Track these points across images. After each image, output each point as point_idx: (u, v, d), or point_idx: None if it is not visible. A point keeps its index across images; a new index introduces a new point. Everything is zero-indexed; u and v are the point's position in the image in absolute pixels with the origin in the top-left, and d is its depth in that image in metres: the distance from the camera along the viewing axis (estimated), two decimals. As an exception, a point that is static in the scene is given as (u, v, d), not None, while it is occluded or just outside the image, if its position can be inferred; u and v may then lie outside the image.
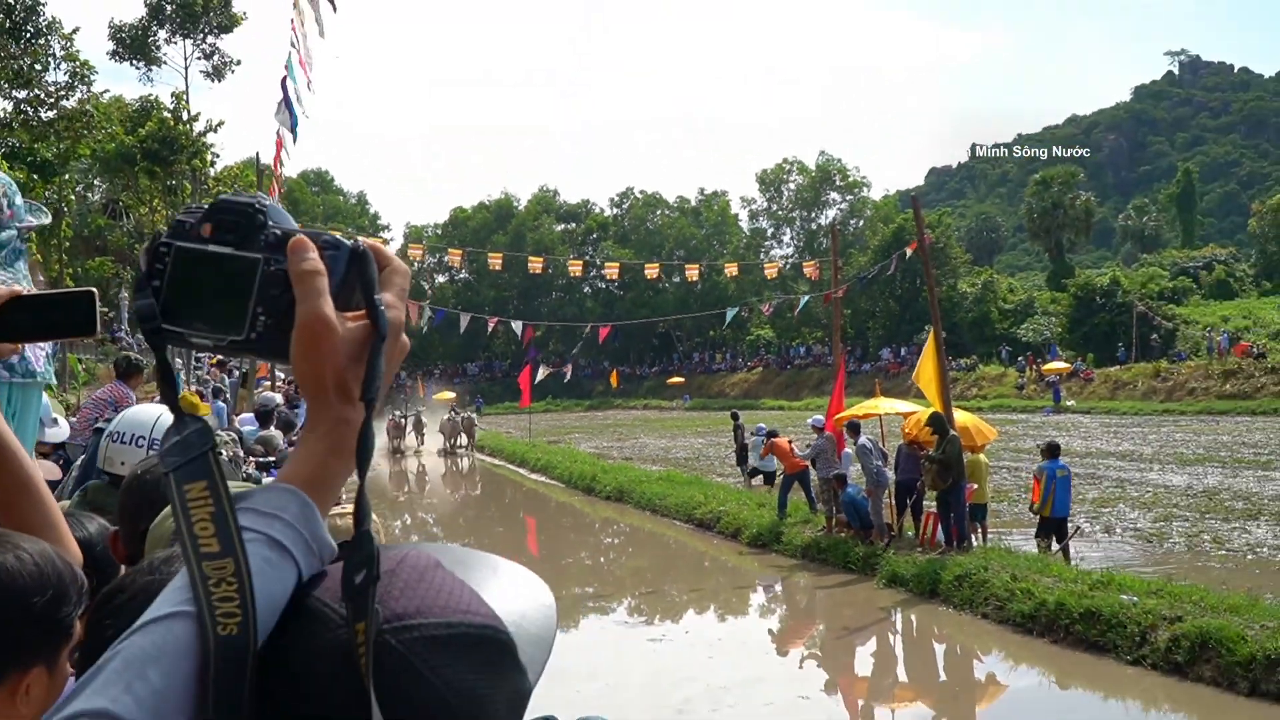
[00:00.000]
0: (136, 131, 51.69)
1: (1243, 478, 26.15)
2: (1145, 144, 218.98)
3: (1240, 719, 10.39)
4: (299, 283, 1.03)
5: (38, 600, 1.51)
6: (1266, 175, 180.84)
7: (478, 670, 0.94)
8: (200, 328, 1.05)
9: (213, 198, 3.44)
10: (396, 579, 0.96)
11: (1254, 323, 66.68)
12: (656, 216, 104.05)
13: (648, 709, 11.56)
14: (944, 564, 15.90)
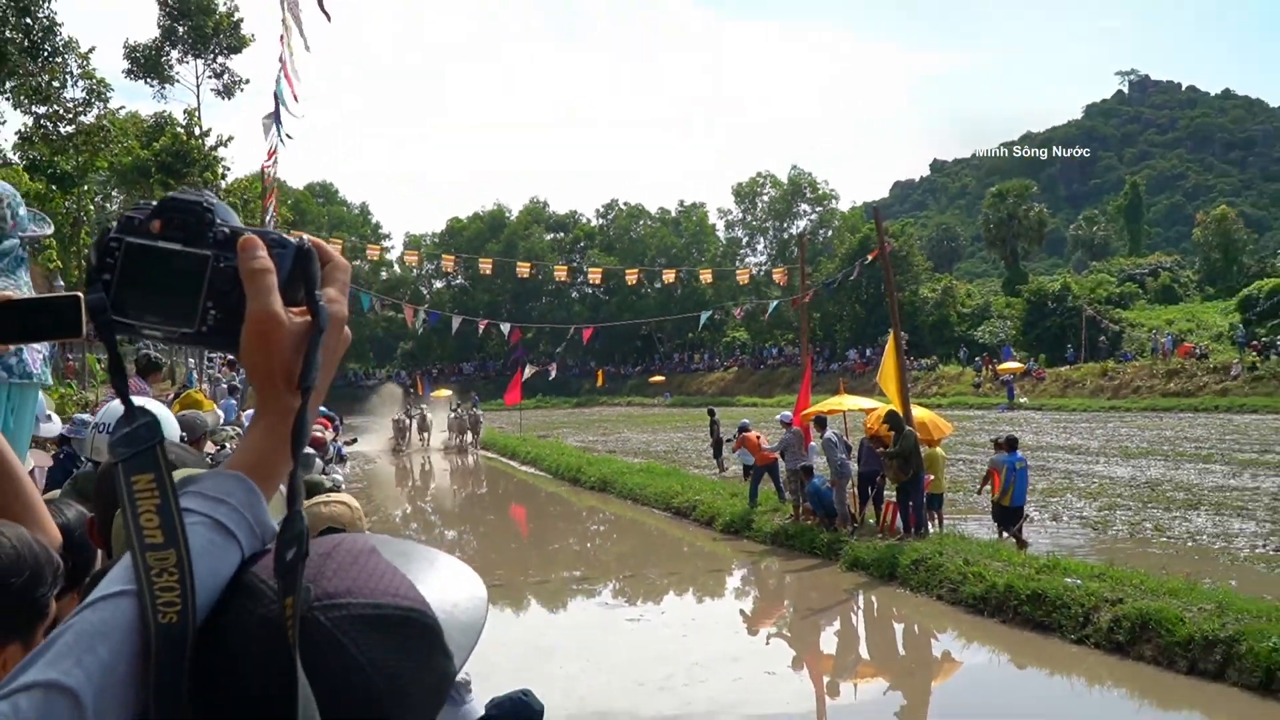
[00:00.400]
0: (151, 146, 51.47)
1: (1184, 470, 26.26)
2: (1095, 159, 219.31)
3: (1178, 697, 10.45)
4: (249, 280, 1.04)
5: (15, 581, 1.52)
6: (1211, 187, 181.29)
7: (401, 650, 0.94)
8: (152, 320, 1.05)
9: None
10: (331, 561, 0.97)
11: (1196, 325, 66.87)
12: (639, 226, 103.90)
13: (632, 684, 11.60)
14: (902, 549, 15.98)
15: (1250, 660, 10.32)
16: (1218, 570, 14.78)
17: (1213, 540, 17.22)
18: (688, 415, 56.60)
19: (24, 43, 30.01)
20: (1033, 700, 11.15)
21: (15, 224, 2.69)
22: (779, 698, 11.37)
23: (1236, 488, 22.75)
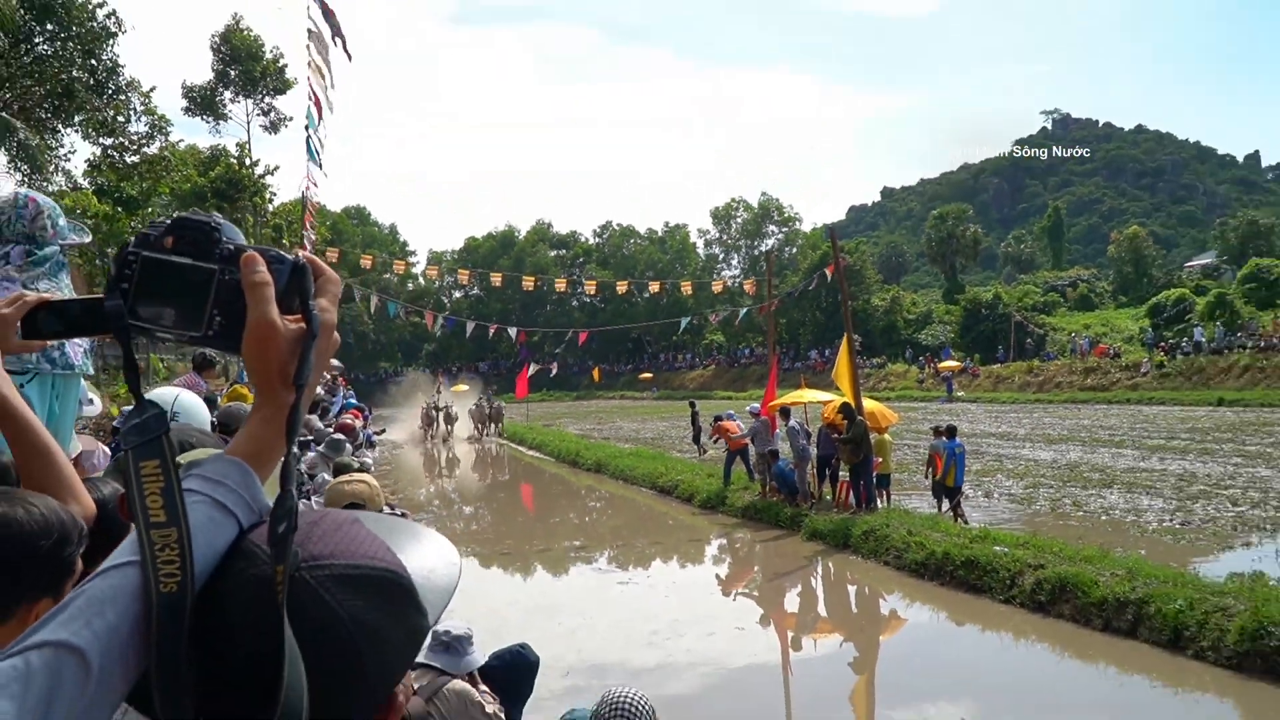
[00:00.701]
0: (208, 174, 51.43)
1: (1099, 454, 26.32)
2: (1023, 185, 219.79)
3: (1095, 651, 10.44)
4: (250, 291, 1.05)
5: (44, 543, 1.53)
6: (1124, 210, 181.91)
7: (376, 604, 0.95)
8: (165, 324, 1.06)
9: (272, 228, 3.44)
10: (317, 528, 0.98)
11: (1110, 329, 67.04)
12: (630, 244, 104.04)
13: (623, 638, 11.59)
14: (854, 522, 15.99)
15: (1159, 620, 10.33)
16: (1128, 541, 14.80)
17: (1124, 515, 17.24)
18: (672, 407, 56.63)
19: (90, 81, 29.95)
20: (966, 652, 11.15)
21: (55, 233, 2.70)
22: (748, 650, 11.36)
23: (1145, 469, 22.80)
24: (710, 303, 77.89)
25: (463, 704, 4.08)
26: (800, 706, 9.60)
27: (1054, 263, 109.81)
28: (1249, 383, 47.09)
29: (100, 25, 29.94)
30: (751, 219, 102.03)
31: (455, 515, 22.26)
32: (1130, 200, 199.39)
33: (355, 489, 4.22)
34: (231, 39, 52.04)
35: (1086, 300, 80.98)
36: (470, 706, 4.08)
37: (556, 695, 9.11)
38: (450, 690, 4.09)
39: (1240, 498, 18.27)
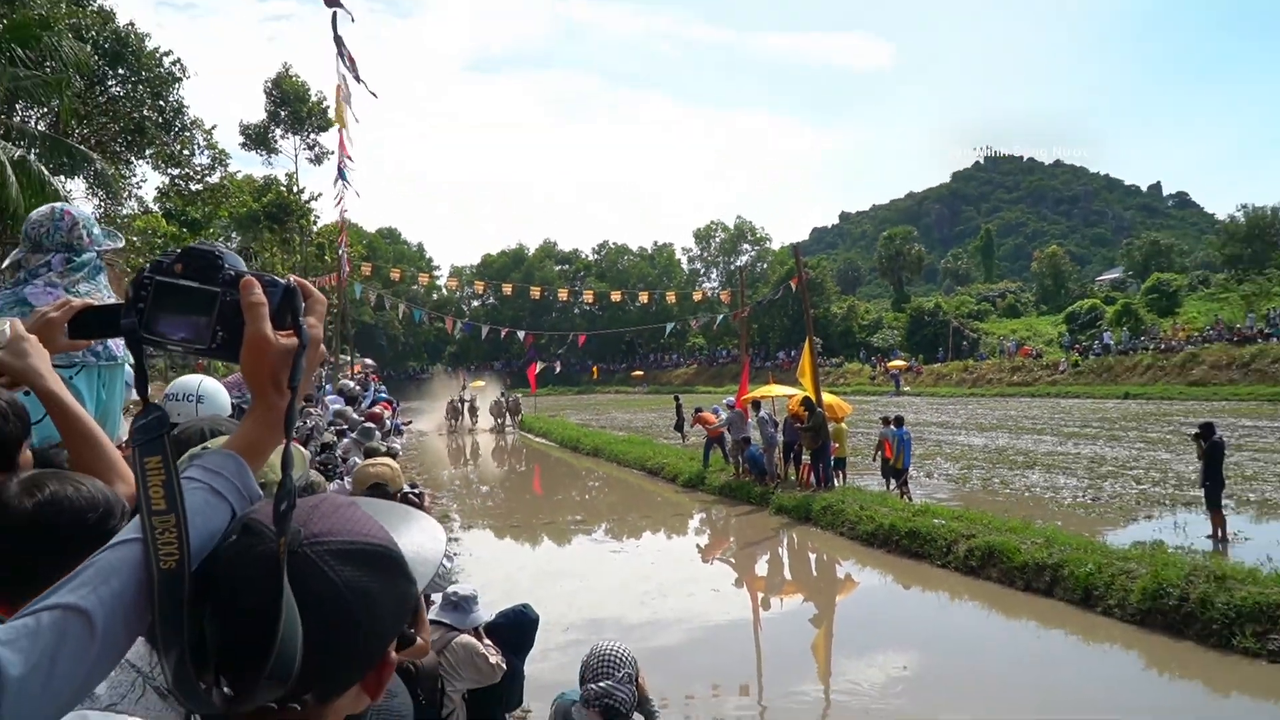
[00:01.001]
0: (261, 199, 51.37)
1: (1023, 440, 26.38)
2: (959, 211, 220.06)
3: (1017, 608, 10.49)
4: (248, 311, 1.08)
5: (91, 516, 1.53)
6: (1044, 232, 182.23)
7: (369, 574, 0.95)
8: (175, 337, 1.09)
9: (315, 246, 3.46)
10: (318, 510, 0.99)
11: (1033, 334, 67.10)
12: (624, 260, 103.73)
13: (623, 599, 11.59)
14: (815, 499, 16.01)
15: (1072, 581, 10.38)
16: (1047, 514, 14.84)
17: (1044, 492, 17.30)
18: (659, 400, 56.52)
19: (159, 120, 29.91)
20: (909, 610, 11.18)
21: (91, 240, 2.70)
22: (723, 609, 11.39)
23: (1062, 453, 22.86)
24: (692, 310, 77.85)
25: (469, 655, 4.09)
26: (768, 656, 9.62)
27: (986, 277, 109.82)
28: (1151, 379, 47.23)
29: (167, 71, 29.88)
30: (728, 238, 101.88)
31: (473, 494, 22.21)
32: (1050, 224, 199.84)
33: (379, 471, 4.23)
34: (282, 84, 52.02)
35: (1013, 309, 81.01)
36: (475, 657, 4.09)
37: (560, 647, 9.13)
38: (458, 643, 4.10)
39: (1143, 477, 18.33)
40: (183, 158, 32.32)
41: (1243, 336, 46.79)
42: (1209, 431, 12.98)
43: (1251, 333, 47.04)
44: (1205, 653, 8.62)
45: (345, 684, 0.98)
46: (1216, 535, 12.60)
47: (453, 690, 4.05)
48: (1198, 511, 13.72)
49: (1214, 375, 44.41)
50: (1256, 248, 72.94)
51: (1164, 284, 65.57)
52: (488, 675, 4.12)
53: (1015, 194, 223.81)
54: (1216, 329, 50.00)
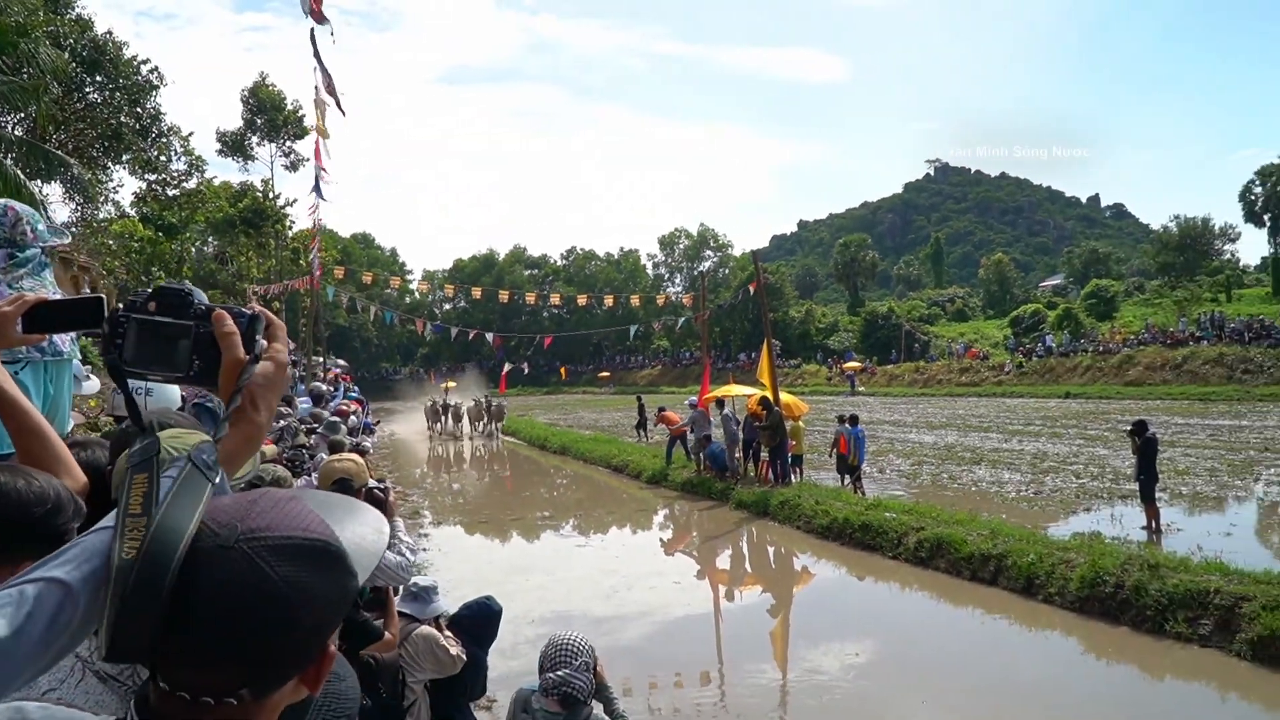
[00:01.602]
0: (237, 205, 50.71)
1: (971, 437, 26.64)
2: (911, 220, 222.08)
3: (963, 596, 10.58)
4: (223, 340, 1.15)
5: (38, 510, 1.48)
6: (991, 241, 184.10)
7: (307, 569, 0.92)
8: (155, 369, 1.14)
9: (290, 251, 3.47)
10: (256, 505, 0.96)
11: (980, 337, 67.86)
12: (591, 265, 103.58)
13: (590, 592, 11.53)
14: (773, 494, 16.06)
15: (1015, 571, 10.48)
16: (992, 507, 14.99)
17: (990, 486, 17.47)
18: (625, 400, 56.40)
19: (136, 126, 29.41)
20: (862, 600, 11.25)
21: (35, 236, 2.61)
22: (685, 600, 11.38)
23: (1007, 449, 23.11)
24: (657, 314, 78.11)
25: (429, 646, 4.04)
26: (728, 645, 9.63)
27: (936, 282, 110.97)
28: (1090, 379, 47.93)
29: (144, 79, 29.37)
30: (692, 245, 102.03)
31: (443, 491, 22.06)
32: (996, 233, 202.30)
33: (344, 466, 4.16)
34: (259, 92, 51.40)
35: (962, 313, 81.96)
36: (436, 648, 4.04)
37: (529, 640, 9.06)
38: (418, 635, 4.05)
39: (1083, 472, 18.57)
40: (159, 163, 31.81)
41: (1175, 339, 47.63)
42: (1142, 428, 13.19)
43: (1184, 336, 47.89)
44: (1140, 637, 8.75)
45: (283, 679, 0.95)
46: (1151, 527, 12.79)
47: (414, 681, 4.00)
48: (1133, 504, 13.92)
49: (1149, 376, 45.15)
50: (1188, 256, 74.38)
51: (1102, 290, 66.66)
52: (448, 666, 4.07)
53: (964, 204, 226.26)
54: (1151, 332, 50.85)
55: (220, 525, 0.93)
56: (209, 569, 0.90)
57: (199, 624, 0.89)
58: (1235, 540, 12.07)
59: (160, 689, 0.92)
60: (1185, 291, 60.43)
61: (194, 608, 0.90)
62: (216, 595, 0.89)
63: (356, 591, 1.00)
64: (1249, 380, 40.58)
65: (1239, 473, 17.81)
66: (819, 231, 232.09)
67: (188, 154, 33.05)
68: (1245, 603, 8.29)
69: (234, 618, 0.89)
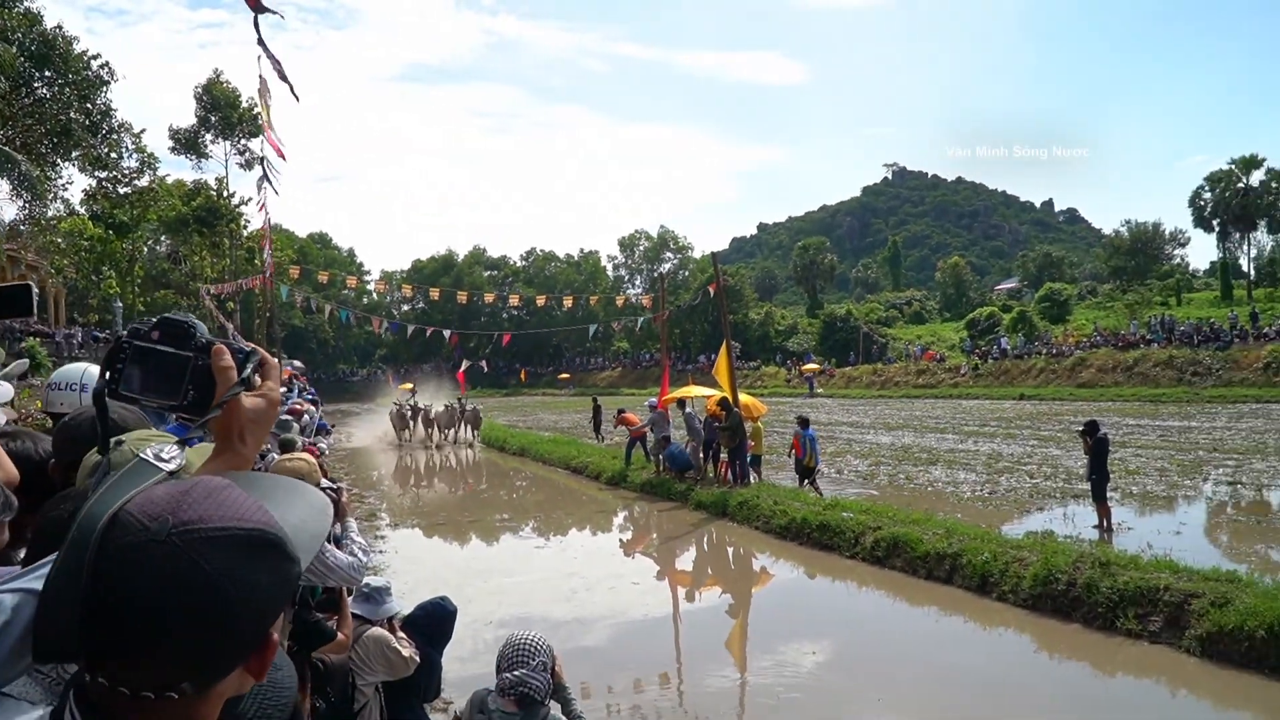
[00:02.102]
0: (191, 203, 49.97)
1: (927, 438, 26.92)
2: (869, 224, 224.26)
3: (919, 595, 10.65)
4: (219, 375, 1.19)
5: None
6: (948, 244, 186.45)
7: (242, 559, 0.90)
8: (150, 396, 1.18)
9: (245, 250, 3.53)
10: (188, 497, 0.93)
11: (937, 339, 68.73)
12: (552, 267, 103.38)
13: (549, 594, 11.43)
14: (732, 495, 16.09)
15: (970, 569, 10.59)
16: (948, 507, 15.14)
17: (945, 486, 17.65)
18: (585, 402, 56.38)
19: (86, 122, 28.82)
20: (820, 599, 11.30)
21: None
22: (645, 602, 11.34)
23: (962, 450, 23.39)
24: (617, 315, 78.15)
25: (380, 647, 3.99)
26: (688, 646, 9.61)
27: (893, 285, 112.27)
28: (1044, 381, 48.74)
29: (95, 74, 28.82)
30: (652, 247, 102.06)
31: (404, 493, 21.84)
32: (952, 236, 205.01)
33: (295, 465, 4.09)
34: (213, 90, 50.69)
35: (919, 315, 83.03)
36: (387, 650, 3.99)
37: (489, 645, 8.96)
38: (369, 636, 4.00)
39: (1036, 472, 18.85)
40: (110, 160, 31.25)
41: (1127, 342, 48.58)
42: (1094, 429, 13.41)
43: (1135, 339, 48.86)
44: (1091, 634, 8.88)
45: (224, 670, 0.93)
46: (1102, 525, 13.01)
47: (364, 684, 3.94)
48: (1085, 504, 14.14)
49: (1101, 378, 46.01)
50: (1139, 260, 75.95)
51: (1056, 293, 67.91)
52: (400, 668, 4.01)
53: (921, 208, 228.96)
54: (1103, 335, 51.81)
55: (151, 519, 0.90)
56: (139, 564, 0.87)
57: (132, 620, 0.87)
58: (1185, 539, 12.32)
59: (99, 684, 0.90)
60: (1136, 295, 61.75)
61: (125, 603, 0.87)
62: (148, 590, 0.86)
63: (298, 576, 0.98)
64: (1198, 382, 41.51)
65: (1188, 473, 18.19)
66: (778, 234, 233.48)
67: (139, 151, 32.52)
68: (1194, 599, 8.45)
69: (167, 613, 0.86)
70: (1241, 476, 17.57)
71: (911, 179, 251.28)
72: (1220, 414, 32.21)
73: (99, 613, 0.88)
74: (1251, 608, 7.90)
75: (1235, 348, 42.87)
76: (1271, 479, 17.25)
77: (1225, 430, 26.28)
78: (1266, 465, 18.95)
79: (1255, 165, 66.52)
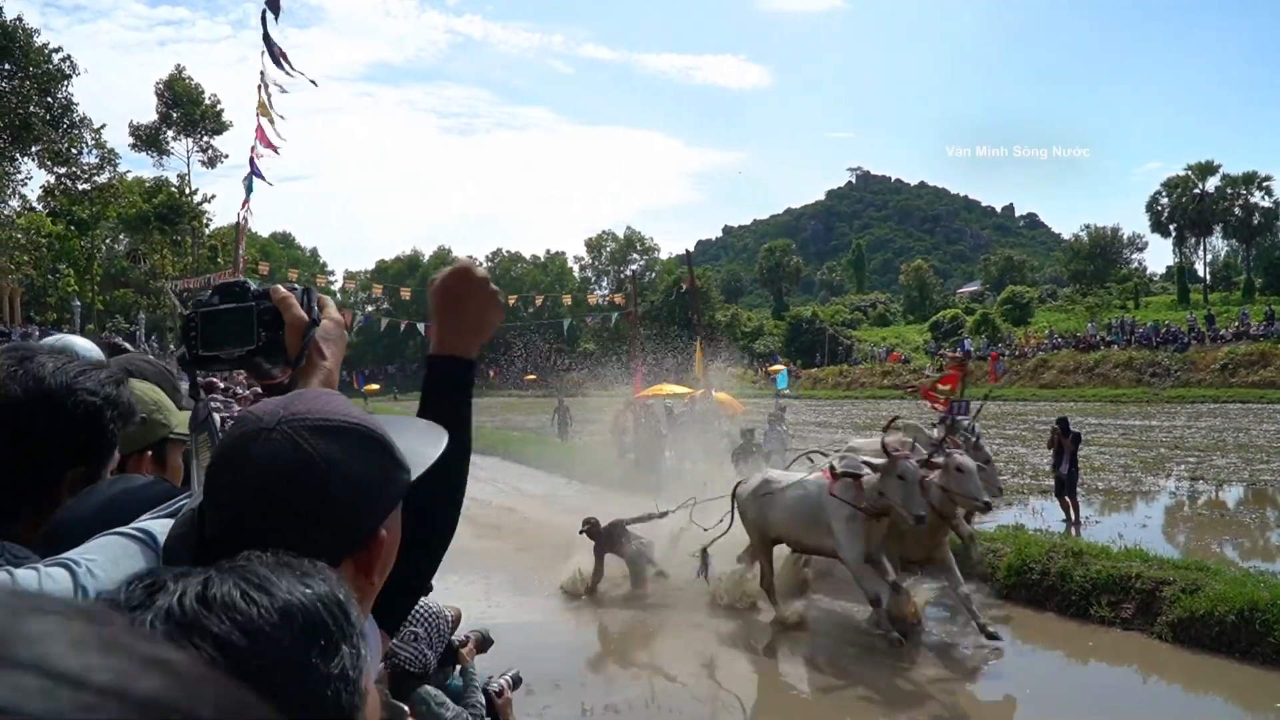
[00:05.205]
0: (151, 200, 49.15)
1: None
2: (834, 227, 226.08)
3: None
4: (281, 305, 1.28)
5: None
6: (911, 248, 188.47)
7: (347, 449, 0.94)
8: (227, 347, 1.28)
9: (208, 249, 3.59)
10: (299, 397, 1.00)
11: (901, 341, 69.47)
12: (518, 268, 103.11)
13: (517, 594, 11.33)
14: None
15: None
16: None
17: (915, 483, 17.73)
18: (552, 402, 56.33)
19: (46, 117, 28.30)
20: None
21: None
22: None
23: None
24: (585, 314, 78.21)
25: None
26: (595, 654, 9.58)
27: (858, 288, 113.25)
28: (1006, 382, 49.39)
29: (55, 67, 28.32)
30: (619, 248, 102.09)
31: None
32: (915, 240, 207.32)
33: None
34: (175, 86, 49.90)
35: (883, 318, 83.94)
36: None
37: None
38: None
39: (1003, 469, 18.93)
40: (70, 156, 30.67)
41: (1087, 344, 49.42)
42: (1065, 426, 13.65)
43: (1095, 340, 49.72)
44: (1065, 622, 9.02)
45: (332, 559, 0.93)
46: (1070, 519, 13.21)
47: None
48: (1054, 499, 14.34)
49: (1063, 379, 46.76)
50: (1098, 264, 77.31)
51: (1017, 296, 68.94)
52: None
53: (884, 212, 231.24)
54: (1064, 337, 52.68)
55: (264, 413, 0.96)
56: (248, 450, 0.93)
57: (240, 502, 0.92)
58: (1151, 532, 12.55)
59: None
60: (1096, 298, 62.91)
61: (234, 486, 0.93)
62: (255, 473, 0.92)
63: (404, 483, 1.01)
64: (1157, 383, 42.32)
65: (1151, 469, 18.52)
66: (744, 237, 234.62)
67: (99, 146, 32.00)
68: (1165, 587, 8.61)
69: (272, 494, 0.91)
70: (1203, 473, 17.93)
71: (875, 183, 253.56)
72: (1179, 413, 32.82)
73: (211, 498, 0.94)
74: (1221, 594, 8.07)
75: (1193, 349, 43.76)
76: (1231, 475, 17.62)
77: (1185, 429, 26.79)
78: (1226, 462, 19.36)
79: (1211, 171, 68.08)
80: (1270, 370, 39.10)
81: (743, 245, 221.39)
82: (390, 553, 1.01)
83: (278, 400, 0.99)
